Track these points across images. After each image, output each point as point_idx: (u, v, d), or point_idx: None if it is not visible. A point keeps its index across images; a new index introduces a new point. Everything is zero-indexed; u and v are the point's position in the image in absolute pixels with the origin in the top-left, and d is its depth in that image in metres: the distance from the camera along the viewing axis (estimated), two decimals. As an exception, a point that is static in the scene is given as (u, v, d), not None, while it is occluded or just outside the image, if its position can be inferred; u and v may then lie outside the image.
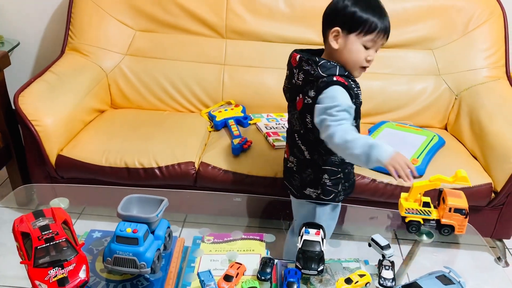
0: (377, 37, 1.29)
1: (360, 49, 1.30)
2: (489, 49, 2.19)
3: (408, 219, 1.26)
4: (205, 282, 1.05)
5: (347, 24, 1.28)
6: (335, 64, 1.31)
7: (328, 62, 1.31)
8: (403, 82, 2.23)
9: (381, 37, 1.30)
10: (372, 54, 1.32)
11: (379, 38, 1.29)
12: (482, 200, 1.85)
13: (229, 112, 2.16)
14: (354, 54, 1.30)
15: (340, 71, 1.30)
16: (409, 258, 1.34)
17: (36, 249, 1.00)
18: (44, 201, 1.52)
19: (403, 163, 1.17)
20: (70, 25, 2.27)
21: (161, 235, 1.11)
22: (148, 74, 2.26)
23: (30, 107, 1.86)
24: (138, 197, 1.14)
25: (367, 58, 1.31)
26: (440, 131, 2.17)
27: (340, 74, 1.30)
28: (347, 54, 1.31)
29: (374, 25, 1.27)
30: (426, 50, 2.24)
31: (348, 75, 1.32)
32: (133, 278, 1.10)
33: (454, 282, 1.07)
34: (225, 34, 2.28)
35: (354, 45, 1.29)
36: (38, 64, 2.64)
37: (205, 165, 1.88)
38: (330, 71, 1.30)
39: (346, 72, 1.31)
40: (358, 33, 1.28)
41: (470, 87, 2.16)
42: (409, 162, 1.19)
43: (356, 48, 1.30)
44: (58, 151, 1.93)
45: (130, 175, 1.88)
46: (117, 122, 2.13)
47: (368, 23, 1.27)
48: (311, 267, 1.09)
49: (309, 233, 1.12)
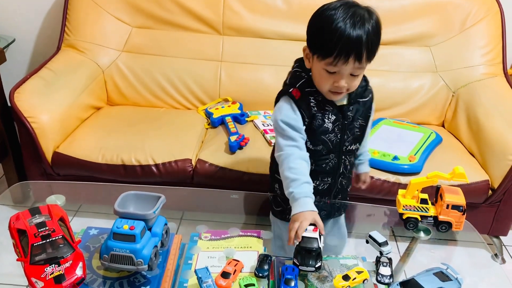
0: (336, 62, 1.11)
1: (322, 73, 1.16)
2: (486, 46, 2.20)
3: (405, 215, 1.26)
4: (203, 279, 1.04)
5: (311, 43, 1.17)
6: (305, 76, 1.22)
7: (301, 73, 1.23)
8: (400, 79, 2.23)
9: (342, 62, 1.11)
10: (338, 80, 1.15)
11: (340, 63, 1.11)
12: (479, 197, 1.85)
13: (226, 109, 2.15)
14: (318, 79, 1.19)
15: (303, 84, 1.22)
16: (407, 255, 1.34)
17: (32, 246, 1.00)
18: (40, 198, 1.52)
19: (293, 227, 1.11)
20: (66, 21, 2.26)
21: (158, 232, 1.10)
22: (145, 71, 2.25)
23: (26, 103, 1.85)
24: (135, 194, 1.13)
25: (334, 84, 1.16)
26: (437, 128, 2.18)
27: (301, 87, 1.22)
28: (314, 75, 1.20)
29: (331, 48, 1.10)
30: (423, 47, 2.25)
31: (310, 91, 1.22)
32: (130, 275, 1.10)
33: (452, 278, 1.07)
34: (222, 30, 2.27)
35: (316, 69, 1.17)
36: (34, 61, 2.63)
37: (202, 162, 1.87)
38: (294, 81, 1.24)
39: (309, 88, 1.22)
40: (318, 56, 1.14)
41: (467, 84, 2.16)
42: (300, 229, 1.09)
43: (318, 72, 1.17)
44: (54, 148, 1.92)
45: (126, 172, 1.87)
46: (114, 119, 2.12)
47: (325, 44, 1.11)
48: (308, 264, 1.08)
49: (307, 230, 1.12)
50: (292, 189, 1.16)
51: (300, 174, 1.18)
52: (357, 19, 1.09)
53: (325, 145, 1.27)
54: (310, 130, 1.24)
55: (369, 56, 1.14)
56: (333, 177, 1.36)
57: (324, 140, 1.27)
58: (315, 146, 1.27)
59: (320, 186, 1.36)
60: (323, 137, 1.26)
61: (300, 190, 1.16)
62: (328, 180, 1.36)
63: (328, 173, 1.34)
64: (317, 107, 1.23)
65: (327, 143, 1.27)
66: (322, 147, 1.28)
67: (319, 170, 1.32)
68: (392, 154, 1.86)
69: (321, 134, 1.26)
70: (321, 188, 1.37)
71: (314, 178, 1.30)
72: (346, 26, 1.08)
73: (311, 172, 1.27)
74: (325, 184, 1.36)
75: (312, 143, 1.27)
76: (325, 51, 1.12)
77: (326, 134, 1.26)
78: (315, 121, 1.23)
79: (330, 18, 1.10)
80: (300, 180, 1.17)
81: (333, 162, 1.32)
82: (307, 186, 1.17)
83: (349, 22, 1.08)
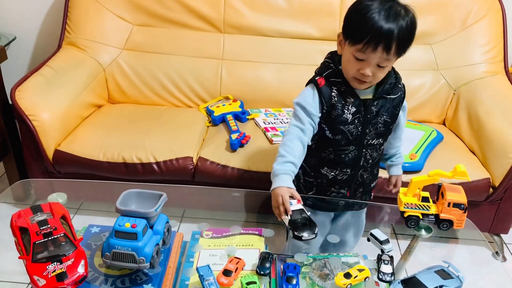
0: (365, 49, 1.15)
1: (350, 59, 1.20)
2: (488, 44, 2.19)
3: (407, 214, 1.26)
4: (204, 277, 1.04)
5: (345, 28, 1.22)
6: (333, 66, 1.27)
7: (330, 63, 1.28)
8: (401, 77, 2.22)
9: (370, 50, 1.15)
10: (364, 67, 1.18)
11: (369, 51, 1.15)
12: (480, 195, 1.85)
13: (227, 107, 2.15)
14: (345, 63, 1.23)
15: (329, 74, 1.27)
16: (408, 253, 1.34)
17: (34, 244, 1.00)
18: (42, 196, 1.52)
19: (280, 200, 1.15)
20: (67, 19, 2.26)
21: (160, 230, 1.10)
22: (146, 69, 2.25)
23: (27, 101, 1.85)
24: (136, 192, 1.13)
25: (360, 70, 1.19)
26: (438, 126, 2.17)
27: (327, 76, 1.27)
28: (343, 63, 1.25)
29: (362, 35, 1.14)
30: (424, 45, 2.24)
31: (335, 81, 1.26)
32: (131, 273, 1.10)
33: (453, 276, 1.07)
34: (223, 28, 2.27)
35: (346, 54, 1.22)
36: (35, 59, 2.62)
37: (203, 160, 1.87)
38: (321, 70, 1.29)
39: (335, 78, 1.26)
40: (349, 42, 1.19)
41: (468, 82, 2.16)
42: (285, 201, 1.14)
43: (347, 57, 1.21)
44: (56, 146, 1.92)
45: (128, 170, 1.87)
46: (115, 117, 2.12)
47: (357, 31, 1.16)
48: (309, 232, 1.09)
49: (292, 203, 1.14)
50: (275, 164, 1.22)
51: (289, 153, 1.22)
52: (392, 12, 1.13)
53: (344, 135, 1.30)
54: (329, 118, 1.29)
55: (399, 50, 1.17)
56: (353, 169, 1.38)
57: (343, 130, 1.30)
58: (334, 135, 1.31)
59: (339, 176, 1.39)
60: (341, 127, 1.29)
61: (282, 167, 1.21)
62: (348, 171, 1.38)
63: (347, 164, 1.36)
64: (338, 97, 1.27)
65: (346, 134, 1.30)
66: (341, 137, 1.31)
67: (339, 160, 1.35)
68: (393, 152, 1.86)
69: (340, 124, 1.29)
70: (340, 178, 1.39)
71: (333, 168, 1.37)
72: (379, 17, 1.12)
73: (330, 161, 1.35)
74: (344, 175, 1.38)
75: (331, 132, 1.30)
76: (356, 37, 1.16)
77: (345, 125, 1.29)
78: (334, 110, 1.27)
79: (366, 8, 1.15)
80: (286, 158, 1.22)
81: (353, 153, 1.34)
82: (290, 165, 1.22)
83: (383, 14, 1.13)
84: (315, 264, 1.18)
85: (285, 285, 1.07)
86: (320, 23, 2.22)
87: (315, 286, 1.11)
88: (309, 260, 1.19)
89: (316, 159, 1.37)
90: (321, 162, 1.37)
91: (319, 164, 1.37)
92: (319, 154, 1.36)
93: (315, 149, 1.35)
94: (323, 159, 1.36)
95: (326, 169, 1.37)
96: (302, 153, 1.26)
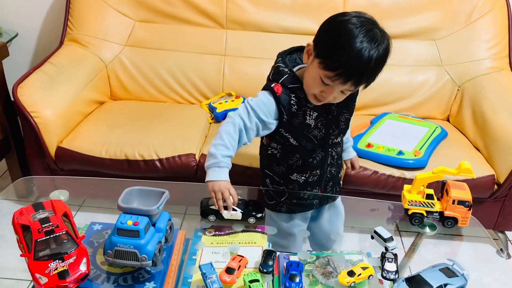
0: (335, 79, 1.11)
1: (315, 78, 1.15)
2: (492, 39, 2.18)
3: (411, 211, 1.25)
4: (207, 275, 1.04)
5: (318, 45, 1.14)
6: (288, 72, 1.22)
7: (284, 68, 1.23)
8: (405, 73, 2.21)
9: (340, 82, 1.11)
10: (328, 93, 1.15)
11: (337, 82, 1.11)
12: (484, 192, 1.84)
13: (229, 103, 2.14)
14: (309, 80, 1.18)
15: (285, 80, 1.21)
16: (412, 251, 1.33)
17: (36, 241, 0.99)
18: (44, 193, 1.51)
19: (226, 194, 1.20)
20: (69, 15, 2.25)
21: (162, 227, 1.10)
22: (148, 65, 2.24)
23: (29, 98, 1.84)
24: (138, 189, 1.13)
25: (322, 93, 1.17)
26: (442, 123, 2.16)
27: (283, 83, 1.21)
28: (306, 75, 1.19)
29: (336, 65, 1.09)
30: (428, 41, 2.23)
31: (293, 88, 1.21)
32: (134, 271, 1.09)
33: (458, 274, 1.06)
34: (225, 24, 2.26)
35: (312, 71, 1.16)
36: (36, 55, 2.62)
37: (206, 157, 1.86)
38: (277, 76, 1.23)
39: (292, 84, 1.21)
40: (320, 63, 1.12)
41: (472, 78, 2.14)
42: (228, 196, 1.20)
43: (313, 75, 1.15)
44: (58, 143, 1.91)
45: (130, 167, 1.87)
46: (117, 114, 2.12)
47: (332, 59, 1.10)
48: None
49: None
50: (218, 153, 1.21)
51: (232, 145, 1.22)
52: (372, 47, 1.07)
53: (309, 140, 1.28)
54: (291, 126, 1.25)
55: (367, 84, 1.16)
56: (322, 169, 1.37)
57: (307, 136, 1.27)
58: (298, 142, 1.28)
59: (310, 179, 1.37)
60: (305, 133, 1.27)
61: (225, 160, 1.21)
62: (317, 172, 1.37)
63: (316, 167, 1.36)
64: (298, 104, 1.23)
65: (311, 139, 1.28)
66: (306, 143, 1.28)
67: (307, 165, 1.34)
68: (397, 149, 1.85)
69: (303, 131, 1.26)
70: (311, 180, 1.38)
71: (303, 172, 1.35)
72: (358, 53, 1.06)
73: (299, 167, 1.34)
74: (315, 176, 1.37)
75: (295, 139, 1.28)
76: (329, 64, 1.11)
77: (309, 131, 1.27)
78: (295, 118, 1.24)
79: (348, 37, 1.07)
80: (229, 151, 1.22)
81: (320, 155, 1.33)
82: (229, 160, 1.23)
83: (363, 49, 1.06)
84: (318, 262, 1.17)
85: (288, 283, 1.06)
86: (323, 19, 2.19)
87: (318, 284, 1.10)
88: (312, 258, 1.18)
89: (283, 167, 1.35)
90: (290, 169, 1.35)
91: (287, 171, 1.35)
92: (286, 162, 1.34)
93: (281, 158, 1.34)
94: (291, 166, 1.34)
95: (295, 175, 1.36)
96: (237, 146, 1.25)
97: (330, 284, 1.10)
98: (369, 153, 1.85)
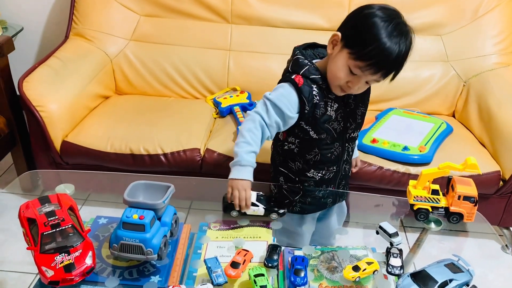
0: (366, 69, 1.13)
1: (343, 68, 1.16)
2: (499, 35, 2.16)
3: (416, 206, 1.25)
4: (212, 269, 1.04)
5: (348, 36, 1.15)
6: (309, 63, 1.22)
7: (303, 59, 1.23)
8: (411, 68, 2.20)
9: (370, 72, 1.14)
10: (354, 82, 1.17)
11: (368, 72, 1.14)
12: (490, 188, 1.84)
13: (234, 98, 2.14)
14: (336, 69, 1.17)
15: (306, 71, 1.21)
16: (417, 246, 1.33)
17: (42, 235, 1.00)
18: (49, 187, 1.52)
19: (243, 194, 1.20)
20: (74, 9, 2.25)
21: (167, 221, 1.10)
22: (153, 60, 2.24)
23: (35, 92, 1.85)
24: (144, 183, 1.13)
25: (348, 83, 1.18)
26: (447, 118, 2.15)
27: (304, 74, 1.21)
28: (332, 65, 1.19)
29: (368, 56, 1.11)
30: (434, 36, 2.21)
31: (315, 79, 1.21)
32: (139, 264, 1.10)
33: (463, 270, 1.06)
34: (230, 19, 2.25)
35: (340, 61, 1.16)
36: (42, 50, 2.62)
37: (210, 152, 1.87)
38: (297, 68, 1.23)
39: (314, 75, 1.21)
40: (350, 52, 1.14)
41: (479, 74, 2.13)
42: (249, 197, 1.20)
43: (341, 64, 1.16)
44: (63, 137, 1.92)
45: (135, 162, 1.87)
46: (122, 108, 2.12)
47: (364, 49, 1.11)
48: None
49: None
50: (241, 151, 1.21)
51: (255, 142, 1.22)
52: (402, 40, 1.11)
53: (329, 133, 1.28)
54: (313, 118, 1.24)
55: (394, 76, 1.19)
56: (338, 165, 1.37)
57: (328, 129, 1.27)
58: (318, 134, 1.27)
59: (326, 176, 1.37)
60: (326, 125, 1.26)
61: (248, 157, 1.21)
62: (334, 168, 1.36)
63: (333, 162, 1.35)
64: (320, 95, 1.23)
65: (331, 132, 1.28)
66: (326, 136, 1.28)
67: (325, 160, 1.33)
68: (402, 144, 1.84)
69: (324, 123, 1.26)
70: (327, 177, 1.37)
71: (319, 169, 1.34)
72: (390, 45, 1.10)
73: (316, 163, 1.33)
74: (331, 173, 1.37)
75: (315, 131, 1.27)
76: (362, 54, 1.12)
77: (329, 123, 1.26)
78: (318, 110, 1.23)
79: (379, 29, 1.10)
80: (252, 147, 1.21)
81: (338, 150, 1.33)
82: (254, 156, 1.23)
83: (394, 42, 1.10)
84: (323, 257, 1.17)
85: (293, 277, 1.06)
86: (329, 14, 2.20)
87: (323, 278, 1.10)
88: (317, 253, 1.18)
89: (300, 163, 1.34)
90: (307, 164, 1.34)
91: (304, 167, 1.35)
92: (303, 157, 1.33)
93: (298, 153, 1.33)
94: (309, 161, 1.33)
95: (312, 171, 1.35)
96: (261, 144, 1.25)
97: (335, 279, 1.10)
98: (374, 148, 1.85)
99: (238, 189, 1.20)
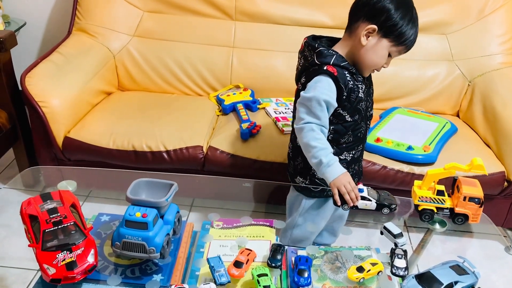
0: (403, 50, 1.30)
1: (385, 55, 1.29)
2: (505, 34, 2.15)
3: (421, 207, 1.23)
4: (215, 268, 1.03)
5: (386, 27, 1.25)
6: (333, 53, 1.28)
7: (327, 50, 1.28)
8: (415, 67, 2.19)
9: (405, 51, 1.30)
10: (388, 62, 1.32)
11: (403, 51, 1.30)
12: (494, 189, 1.82)
13: (237, 96, 2.13)
14: (377, 58, 1.29)
15: (336, 60, 1.27)
16: (421, 247, 1.32)
17: (44, 232, 0.99)
18: (51, 183, 1.51)
19: (349, 186, 1.21)
20: (77, 5, 2.24)
21: (170, 219, 1.09)
22: (156, 56, 2.23)
23: (37, 88, 1.84)
24: (147, 181, 1.12)
25: (384, 65, 1.31)
26: (452, 118, 2.14)
27: (335, 63, 1.26)
28: (371, 55, 1.28)
29: (408, 40, 1.27)
30: (439, 35, 2.20)
31: (345, 65, 1.27)
32: (141, 262, 1.09)
33: (469, 272, 1.05)
34: (234, 16, 2.24)
35: (382, 50, 1.27)
36: (44, 45, 2.61)
37: (213, 149, 1.86)
38: (325, 59, 1.27)
39: (343, 63, 1.27)
40: (391, 41, 1.26)
41: (484, 73, 2.12)
42: (354, 186, 1.22)
43: (382, 53, 1.28)
44: (65, 133, 1.91)
45: (137, 158, 1.86)
46: (124, 105, 2.11)
47: (405, 37, 1.26)
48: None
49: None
50: (322, 158, 1.23)
51: (326, 145, 1.25)
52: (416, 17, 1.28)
53: (360, 114, 1.35)
54: (349, 102, 1.30)
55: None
56: (362, 144, 1.44)
57: (359, 109, 1.34)
58: (352, 117, 1.33)
59: (356, 155, 1.43)
60: (358, 107, 1.33)
61: (331, 157, 1.23)
62: (360, 147, 1.44)
63: (362, 140, 1.43)
64: (352, 80, 1.29)
65: (362, 112, 1.35)
66: (358, 116, 1.34)
67: (356, 140, 1.39)
68: (406, 144, 1.83)
69: (357, 104, 1.32)
70: (356, 157, 1.43)
71: (351, 149, 1.41)
72: (416, 29, 1.27)
73: (348, 144, 1.39)
74: (357, 151, 1.43)
75: (350, 115, 1.32)
76: (403, 40, 1.26)
77: (360, 104, 1.33)
78: (353, 93, 1.29)
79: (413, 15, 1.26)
80: (328, 149, 1.24)
81: (364, 128, 1.40)
82: (332, 153, 1.25)
83: (416, 25, 1.27)
84: (326, 257, 1.16)
85: (296, 277, 1.05)
86: (333, 11, 2.18)
87: (327, 279, 1.10)
88: (321, 253, 1.17)
89: (333, 148, 1.34)
90: (340, 148, 1.38)
91: (337, 151, 1.37)
92: (337, 142, 1.36)
93: (332, 139, 1.35)
94: (342, 144, 1.37)
95: (345, 153, 1.40)
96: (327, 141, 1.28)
97: (339, 279, 1.09)
98: (378, 147, 1.84)
99: (343, 184, 1.21)
